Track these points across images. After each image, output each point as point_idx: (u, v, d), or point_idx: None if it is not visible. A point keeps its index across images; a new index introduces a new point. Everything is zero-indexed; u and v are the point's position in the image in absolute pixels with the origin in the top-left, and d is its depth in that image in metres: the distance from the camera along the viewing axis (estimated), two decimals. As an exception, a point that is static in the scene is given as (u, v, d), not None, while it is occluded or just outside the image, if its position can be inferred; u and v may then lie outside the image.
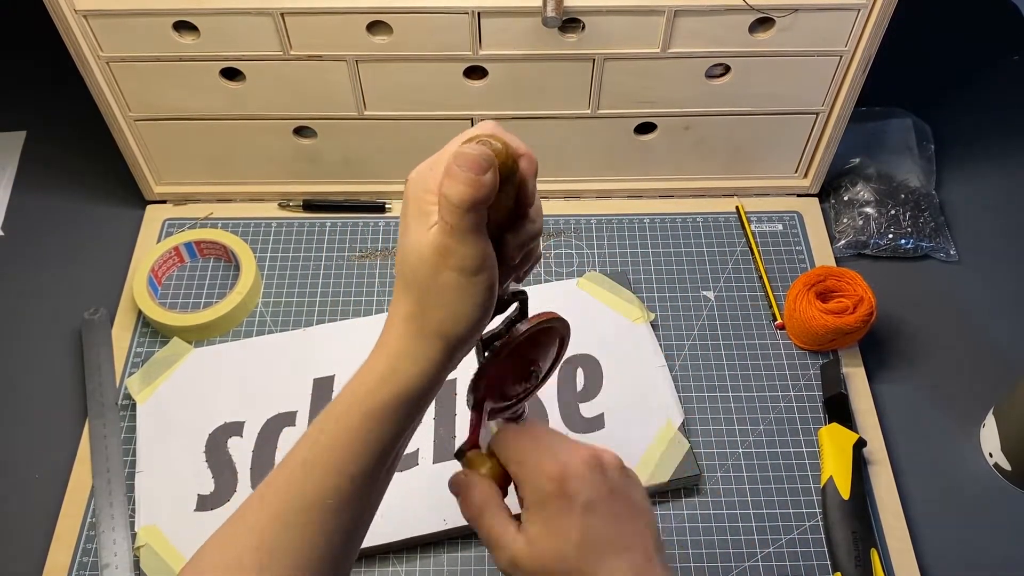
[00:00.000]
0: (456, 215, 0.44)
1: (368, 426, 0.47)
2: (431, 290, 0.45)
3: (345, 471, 0.47)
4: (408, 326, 0.47)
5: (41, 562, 0.72)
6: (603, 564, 0.49)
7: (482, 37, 0.78)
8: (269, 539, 0.46)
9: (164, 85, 0.82)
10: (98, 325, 0.84)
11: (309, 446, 0.48)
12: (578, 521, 0.49)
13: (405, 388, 0.47)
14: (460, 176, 0.43)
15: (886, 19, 0.76)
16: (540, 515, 0.50)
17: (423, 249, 0.45)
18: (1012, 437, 0.75)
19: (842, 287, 0.82)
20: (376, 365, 0.47)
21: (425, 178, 0.46)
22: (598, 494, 0.50)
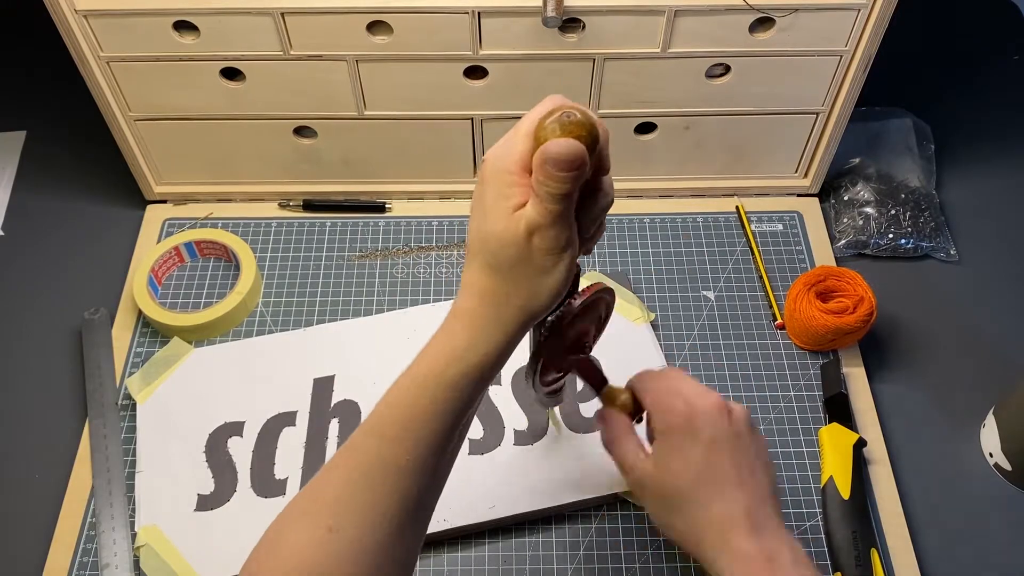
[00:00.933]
0: (556, 203, 0.45)
1: (444, 396, 0.49)
2: (517, 269, 0.47)
3: (421, 437, 0.49)
4: (488, 303, 0.49)
5: (41, 562, 0.72)
6: (719, 495, 0.54)
7: (482, 37, 0.78)
8: (346, 492, 0.49)
9: (164, 85, 0.82)
10: (98, 325, 0.84)
11: (385, 412, 0.50)
12: (700, 454, 0.55)
13: (482, 361, 0.49)
14: (555, 176, 0.45)
15: (886, 19, 0.76)
16: (667, 444, 0.56)
17: (510, 232, 0.47)
18: (1012, 437, 0.75)
19: (842, 287, 0.82)
20: (454, 338, 0.50)
21: (503, 159, 0.47)
22: (722, 435, 0.55)
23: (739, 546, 0.53)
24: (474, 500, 0.73)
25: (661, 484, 0.56)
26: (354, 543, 0.48)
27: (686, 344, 0.84)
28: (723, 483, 0.54)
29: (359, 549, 0.48)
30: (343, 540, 0.47)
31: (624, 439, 0.59)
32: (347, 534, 0.48)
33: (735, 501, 0.54)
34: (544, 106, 0.48)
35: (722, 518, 0.54)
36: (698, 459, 0.55)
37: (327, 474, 0.50)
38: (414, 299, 0.87)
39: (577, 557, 0.72)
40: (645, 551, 0.72)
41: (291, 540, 0.48)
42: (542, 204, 0.46)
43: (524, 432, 0.77)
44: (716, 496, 0.54)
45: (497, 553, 0.72)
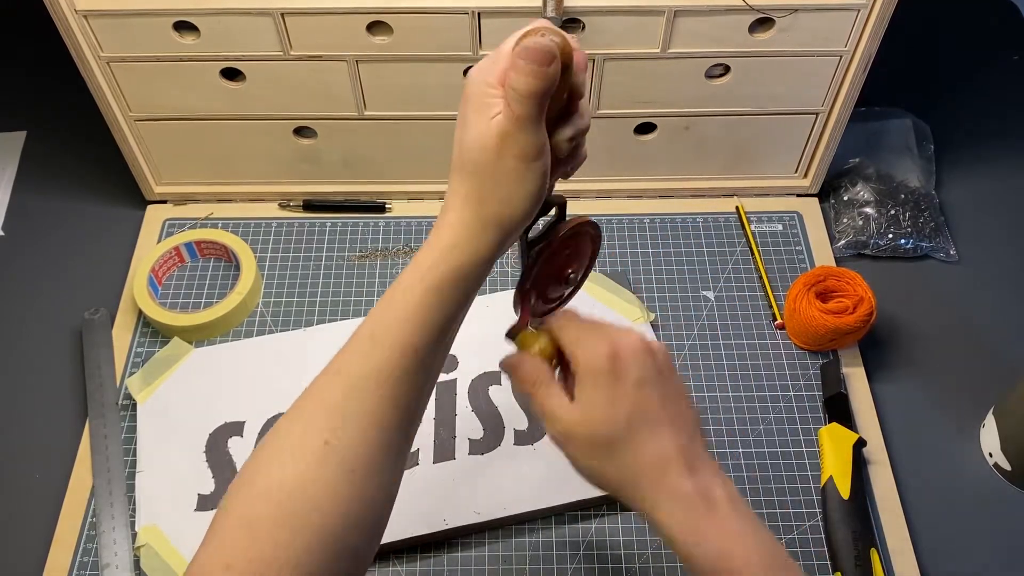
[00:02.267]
0: (522, 104, 0.46)
1: (429, 300, 0.50)
2: (491, 175, 0.49)
3: (409, 342, 0.50)
4: (467, 208, 0.50)
5: (41, 562, 0.72)
6: (651, 436, 0.53)
7: (482, 37, 0.78)
8: (341, 404, 0.49)
9: (164, 85, 0.82)
10: (98, 325, 0.84)
11: (376, 319, 0.51)
12: (629, 394, 0.53)
13: (463, 263, 0.50)
14: (526, 68, 0.46)
15: (886, 19, 0.76)
16: (593, 388, 0.54)
17: (486, 138, 0.48)
18: (1012, 437, 0.75)
19: (842, 287, 0.82)
20: (437, 242, 0.51)
21: (486, 73, 0.49)
22: (648, 373, 0.54)
23: (676, 485, 0.52)
24: (474, 500, 0.73)
25: (590, 431, 0.54)
26: (350, 456, 0.48)
27: (686, 344, 0.84)
28: (654, 423, 0.53)
29: (355, 462, 0.48)
30: (340, 454, 0.48)
31: (546, 385, 0.55)
32: (342, 444, 0.48)
33: (668, 440, 0.53)
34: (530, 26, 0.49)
35: (656, 458, 0.53)
36: (627, 401, 0.53)
37: (319, 389, 0.51)
38: (414, 299, 0.87)
39: (577, 557, 0.72)
40: (645, 551, 0.72)
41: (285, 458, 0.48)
42: (511, 107, 0.47)
43: (524, 432, 0.77)
44: (648, 437, 0.53)
45: (497, 553, 0.72)
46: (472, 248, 0.50)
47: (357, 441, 0.48)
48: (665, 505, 0.52)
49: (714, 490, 0.53)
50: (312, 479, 0.47)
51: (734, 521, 0.52)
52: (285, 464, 0.48)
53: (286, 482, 0.47)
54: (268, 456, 0.49)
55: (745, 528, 0.52)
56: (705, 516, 0.52)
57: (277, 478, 0.47)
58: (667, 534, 0.52)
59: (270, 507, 0.46)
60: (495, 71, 0.48)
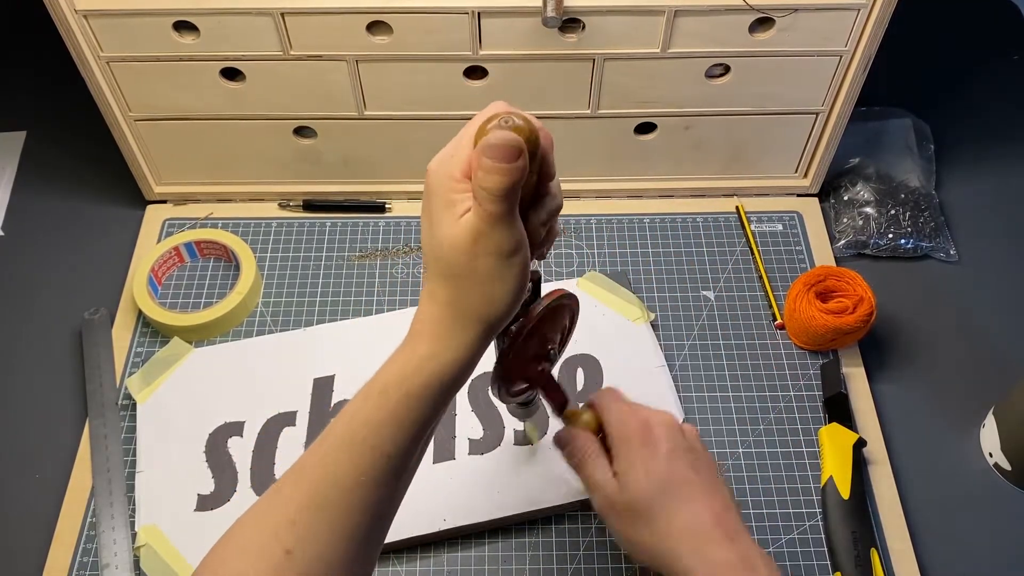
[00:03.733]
0: (494, 203, 0.44)
1: (407, 405, 0.48)
2: (468, 276, 0.46)
3: (381, 449, 0.48)
4: (445, 312, 0.48)
5: (41, 562, 0.72)
6: (687, 503, 0.55)
7: (482, 37, 0.78)
8: (304, 513, 0.47)
9: (164, 85, 0.82)
10: (98, 325, 0.84)
11: (346, 424, 0.49)
12: (662, 463, 0.56)
13: (443, 370, 0.48)
14: (493, 167, 0.44)
15: (886, 19, 0.76)
16: (627, 457, 0.57)
17: (457, 238, 0.46)
18: (1012, 437, 0.75)
19: (842, 287, 0.82)
20: (416, 349, 0.49)
21: (448, 167, 0.46)
22: (678, 445, 0.57)
23: (716, 554, 0.53)
24: (474, 500, 0.73)
25: (628, 498, 0.56)
26: (312, 567, 0.46)
27: (686, 344, 0.84)
28: (688, 491, 0.55)
29: (318, 570, 0.46)
30: (302, 562, 0.46)
31: (593, 458, 0.58)
32: (306, 555, 0.46)
33: (703, 508, 0.54)
34: (485, 111, 0.47)
35: (693, 526, 0.54)
36: (660, 467, 0.56)
37: (282, 492, 0.48)
38: (414, 299, 0.87)
39: (577, 557, 0.72)
40: (645, 551, 0.72)
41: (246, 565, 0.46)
42: (482, 206, 0.44)
43: (524, 432, 0.77)
44: (683, 503, 0.55)
45: (497, 553, 0.72)
46: (452, 355, 0.48)
47: (320, 551, 0.46)
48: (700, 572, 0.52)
49: (755, 559, 0.53)
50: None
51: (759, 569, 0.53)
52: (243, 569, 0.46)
53: None
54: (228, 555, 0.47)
55: None
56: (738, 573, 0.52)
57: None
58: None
59: None
60: (457, 163, 0.46)
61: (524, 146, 0.44)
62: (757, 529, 0.73)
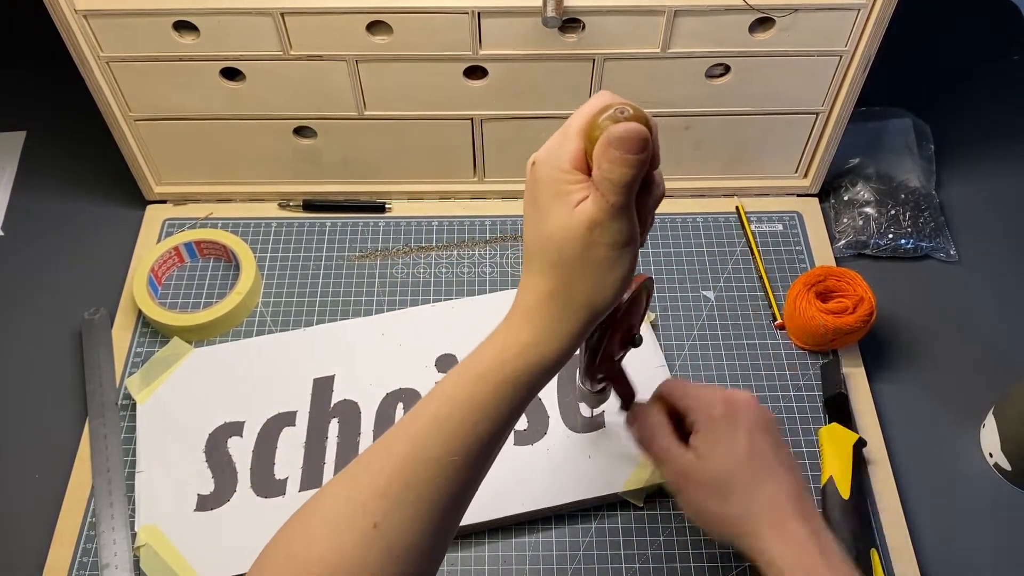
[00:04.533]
0: (618, 194, 0.45)
1: (504, 391, 0.49)
2: (579, 266, 0.47)
3: (475, 431, 0.48)
4: (553, 302, 0.48)
5: (41, 562, 0.72)
6: (768, 478, 0.56)
7: (482, 37, 0.78)
8: (394, 488, 0.47)
9: (164, 85, 0.82)
10: (98, 325, 0.84)
11: (442, 403, 0.49)
12: (744, 439, 0.58)
13: (545, 358, 0.49)
14: (622, 159, 0.44)
15: (886, 19, 0.76)
16: (710, 434, 0.58)
17: (572, 228, 0.46)
18: (1012, 437, 0.75)
19: (842, 287, 0.82)
20: (519, 336, 0.49)
21: (556, 159, 0.47)
22: (761, 423, 0.59)
23: (793, 527, 0.55)
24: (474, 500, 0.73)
25: (708, 470, 0.58)
26: (398, 540, 0.47)
27: (686, 344, 0.84)
28: (770, 465, 0.57)
29: (402, 547, 0.47)
30: (388, 537, 0.47)
31: (662, 433, 0.61)
32: (393, 529, 0.47)
33: (784, 483, 0.56)
34: (593, 103, 0.47)
35: (773, 500, 0.56)
36: (743, 443, 0.58)
37: (371, 466, 0.49)
38: (414, 299, 0.87)
39: (577, 557, 0.72)
40: (645, 551, 0.72)
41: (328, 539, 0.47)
42: (604, 197, 0.45)
43: (524, 432, 0.77)
44: (766, 477, 0.57)
45: (497, 553, 0.72)
46: (556, 344, 0.49)
47: (406, 526, 0.47)
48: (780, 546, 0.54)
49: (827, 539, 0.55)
50: (355, 561, 0.46)
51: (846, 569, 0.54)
52: (329, 541, 0.46)
53: (328, 560, 0.46)
54: (312, 528, 0.47)
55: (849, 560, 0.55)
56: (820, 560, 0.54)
57: (319, 554, 0.46)
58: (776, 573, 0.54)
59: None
60: (566, 155, 0.46)
61: (650, 137, 0.45)
62: (757, 529, 0.73)
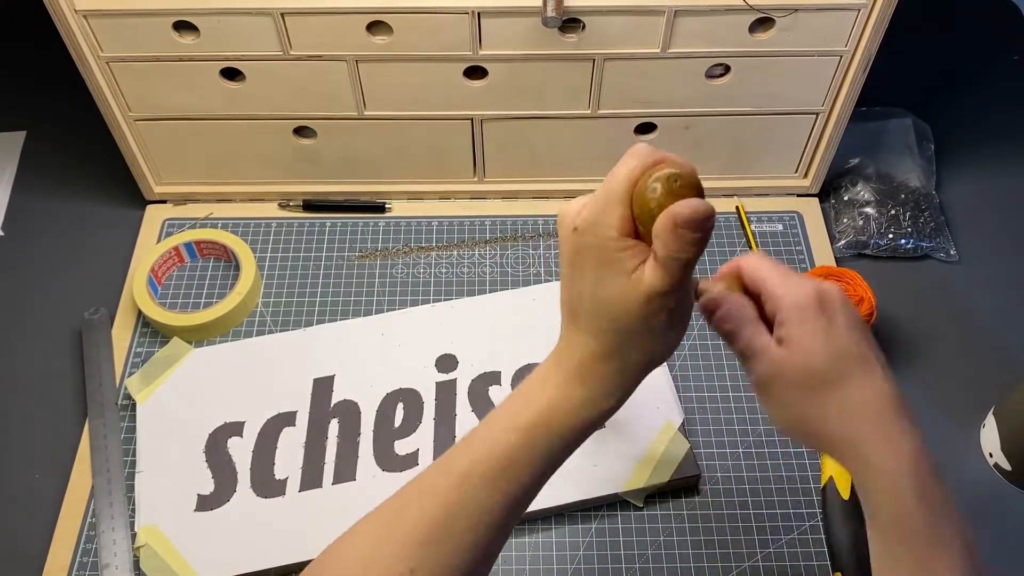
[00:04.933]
0: (683, 270, 0.45)
1: (549, 445, 0.48)
2: (638, 333, 0.46)
3: (519, 483, 0.48)
4: (609, 364, 0.48)
5: (41, 562, 0.72)
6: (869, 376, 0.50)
7: (482, 37, 0.78)
8: (433, 534, 0.47)
9: (164, 85, 0.82)
10: (98, 325, 0.84)
11: (485, 453, 0.48)
12: (842, 333, 0.50)
13: (598, 415, 0.49)
14: (692, 238, 0.44)
15: (886, 19, 0.76)
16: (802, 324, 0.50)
17: (631, 299, 0.45)
18: (1012, 437, 0.75)
19: (842, 287, 0.81)
20: (570, 393, 0.48)
21: (602, 227, 0.46)
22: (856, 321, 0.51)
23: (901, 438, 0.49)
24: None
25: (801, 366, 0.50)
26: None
27: (686, 344, 0.84)
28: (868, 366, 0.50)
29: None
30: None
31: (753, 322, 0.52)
32: (427, 574, 0.47)
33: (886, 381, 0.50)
34: (631, 165, 0.46)
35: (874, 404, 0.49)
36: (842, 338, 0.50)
37: (411, 509, 0.48)
38: (414, 299, 0.87)
39: (577, 557, 0.72)
40: (645, 551, 0.72)
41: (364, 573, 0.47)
42: (667, 271, 0.44)
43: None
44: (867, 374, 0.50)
45: (497, 553, 0.72)
46: (614, 401, 0.49)
47: (441, 571, 0.47)
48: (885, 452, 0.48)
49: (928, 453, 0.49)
50: None
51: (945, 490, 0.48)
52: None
53: None
54: (346, 566, 0.47)
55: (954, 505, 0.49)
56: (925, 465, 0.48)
57: None
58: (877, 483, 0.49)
59: None
60: (613, 221, 0.45)
61: (714, 210, 0.44)
62: (757, 529, 0.73)
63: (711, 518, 0.74)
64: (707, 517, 0.74)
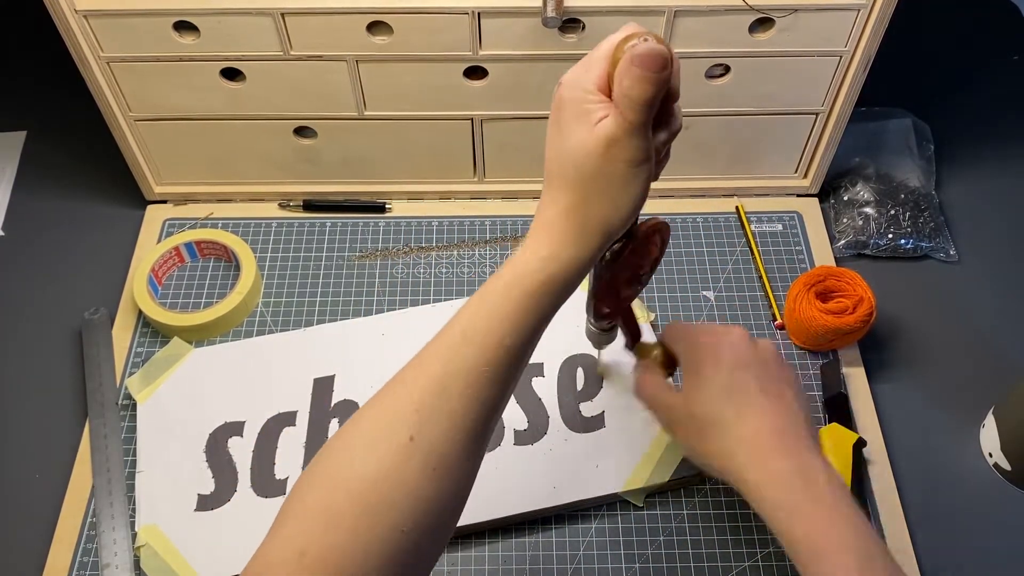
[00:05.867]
0: (636, 111, 0.47)
1: (527, 303, 0.50)
2: (597, 182, 0.49)
3: (502, 343, 0.50)
4: (570, 218, 0.50)
5: (41, 562, 0.72)
6: (749, 414, 0.57)
7: (482, 37, 0.78)
8: (428, 401, 0.49)
9: (164, 85, 0.82)
10: (98, 325, 0.84)
11: (469, 318, 0.51)
12: (725, 375, 0.58)
13: (563, 270, 0.51)
14: (642, 75, 0.46)
15: (886, 19, 0.76)
16: (695, 372, 0.60)
17: (591, 145, 0.48)
18: (1012, 437, 0.75)
19: (842, 287, 0.82)
20: (538, 250, 0.51)
21: (582, 81, 0.49)
22: (745, 357, 0.59)
23: (773, 463, 0.55)
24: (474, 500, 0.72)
25: (690, 410, 0.59)
26: (434, 453, 0.48)
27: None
28: (750, 401, 0.57)
29: (438, 459, 0.48)
30: (424, 450, 0.48)
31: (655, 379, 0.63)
32: (427, 442, 0.48)
33: (762, 419, 0.56)
34: (619, 34, 0.50)
35: (750, 437, 0.56)
36: (724, 380, 0.58)
37: (405, 383, 0.50)
38: (414, 299, 0.87)
39: (577, 557, 0.72)
40: (645, 551, 0.72)
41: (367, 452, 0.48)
42: (623, 115, 0.47)
43: (524, 432, 0.77)
44: (744, 413, 0.57)
45: (497, 553, 0.72)
46: (574, 257, 0.51)
47: (440, 439, 0.49)
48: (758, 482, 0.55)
49: (815, 472, 0.54)
50: (394, 474, 0.47)
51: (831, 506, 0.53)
52: (368, 456, 0.48)
53: (367, 475, 0.47)
54: (350, 446, 0.49)
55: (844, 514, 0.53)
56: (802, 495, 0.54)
57: (359, 470, 0.48)
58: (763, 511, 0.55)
59: (351, 498, 0.47)
60: (591, 78, 0.49)
61: (670, 56, 0.47)
62: (757, 528, 0.73)
63: (711, 518, 0.74)
64: (707, 517, 0.74)
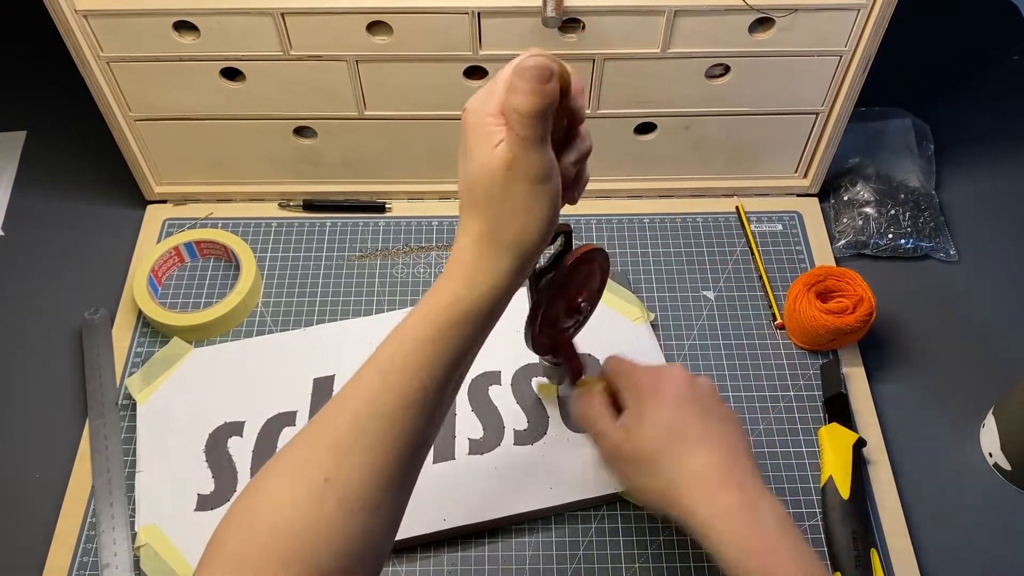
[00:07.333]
0: (525, 125, 0.46)
1: (445, 335, 0.50)
2: (502, 204, 0.49)
3: (419, 378, 0.49)
4: (481, 244, 0.50)
5: (41, 562, 0.72)
6: (690, 450, 0.57)
7: (482, 37, 0.78)
8: (345, 442, 0.48)
9: (164, 85, 0.82)
10: (98, 325, 0.84)
11: (386, 356, 0.50)
12: (668, 411, 0.58)
13: (480, 298, 0.50)
14: (526, 87, 0.46)
15: (886, 19, 0.76)
16: (636, 408, 0.60)
17: (492, 166, 0.48)
18: (1012, 437, 0.75)
19: (842, 287, 0.82)
20: (452, 280, 0.50)
21: (484, 103, 0.49)
22: (686, 395, 0.59)
23: (717, 498, 0.55)
24: (474, 500, 0.73)
25: (633, 447, 0.58)
26: (351, 492, 0.47)
27: (686, 344, 0.84)
28: (693, 438, 0.57)
29: (355, 498, 0.47)
30: (340, 490, 0.47)
31: (598, 410, 0.62)
32: (344, 483, 0.47)
33: (708, 454, 0.57)
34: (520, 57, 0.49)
35: (696, 472, 0.56)
36: (666, 417, 0.58)
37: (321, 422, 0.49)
38: (414, 299, 0.87)
39: (577, 557, 0.72)
40: (645, 551, 0.72)
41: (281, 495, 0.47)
42: (514, 130, 0.47)
43: (524, 432, 0.77)
44: (688, 450, 0.57)
45: (497, 553, 0.72)
46: (491, 282, 0.50)
47: (358, 480, 0.47)
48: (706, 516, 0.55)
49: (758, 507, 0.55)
50: (309, 514, 0.46)
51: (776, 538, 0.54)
52: (283, 500, 0.47)
53: (281, 521, 0.46)
54: (267, 489, 0.48)
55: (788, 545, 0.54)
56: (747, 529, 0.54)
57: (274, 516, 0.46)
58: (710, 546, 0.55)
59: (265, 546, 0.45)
60: (493, 102, 0.48)
61: (555, 70, 0.46)
62: (757, 529, 0.73)
63: (711, 518, 0.74)
64: (707, 517, 0.74)
